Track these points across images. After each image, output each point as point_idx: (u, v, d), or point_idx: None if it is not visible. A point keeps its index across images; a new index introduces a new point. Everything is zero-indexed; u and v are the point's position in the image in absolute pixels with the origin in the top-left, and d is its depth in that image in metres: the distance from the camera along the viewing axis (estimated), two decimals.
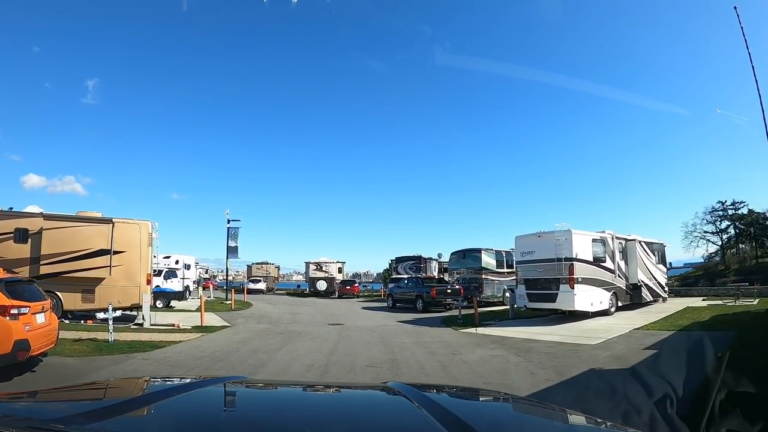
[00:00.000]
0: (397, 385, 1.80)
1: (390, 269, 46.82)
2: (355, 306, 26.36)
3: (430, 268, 38.13)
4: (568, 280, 15.89)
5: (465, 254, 25.60)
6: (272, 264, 47.43)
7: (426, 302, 21.51)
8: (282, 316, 19.53)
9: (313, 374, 8.03)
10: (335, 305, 27.30)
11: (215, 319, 17.71)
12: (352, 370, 8.49)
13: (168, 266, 27.83)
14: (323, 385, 3.15)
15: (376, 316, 19.93)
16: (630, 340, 11.84)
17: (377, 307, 24.97)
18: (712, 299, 21.61)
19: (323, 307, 24.94)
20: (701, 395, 3.27)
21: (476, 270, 24.77)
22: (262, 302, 28.62)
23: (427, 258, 38.09)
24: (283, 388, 2.31)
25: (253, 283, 42.07)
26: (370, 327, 15.36)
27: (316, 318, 18.41)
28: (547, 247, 16.43)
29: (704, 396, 3.11)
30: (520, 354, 9.99)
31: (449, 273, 27.09)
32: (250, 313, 20.55)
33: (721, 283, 29.30)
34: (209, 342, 12.28)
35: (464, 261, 25.63)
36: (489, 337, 12.86)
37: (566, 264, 15.93)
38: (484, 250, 25.04)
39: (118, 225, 15.46)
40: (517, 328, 14.73)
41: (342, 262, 42.25)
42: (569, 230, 16.24)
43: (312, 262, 40.48)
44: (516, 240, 17.95)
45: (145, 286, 15.53)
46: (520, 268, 17.53)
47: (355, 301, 31.56)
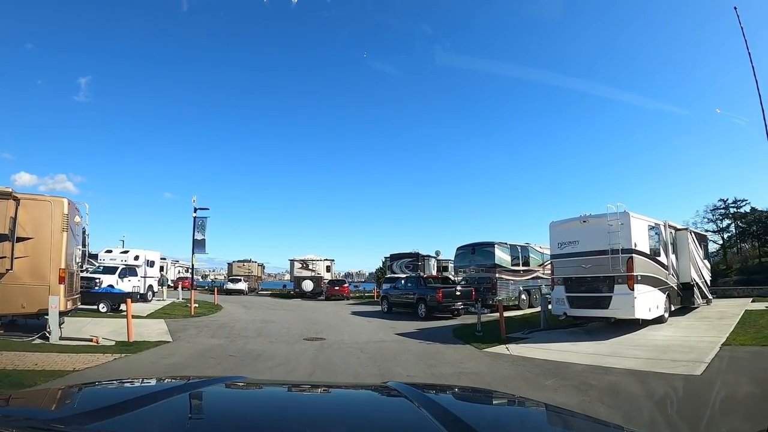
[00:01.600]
0: (397, 385, 1.82)
1: (384, 268, 42.80)
2: (344, 310, 22.33)
3: (429, 267, 34.31)
4: (626, 279, 12.06)
5: (474, 249, 21.65)
6: (255, 262, 43.17)
7: (430, 307, 17.55)
8: (250, 325, 15.44)
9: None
10: (321, 309, 23.26)
11: (159, 329, 13.65)
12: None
13: (125, 263, 23.62)
14: (324, 385, 2.82)
15: (368, 325, 15.90)
16: (739, 365, 8.07)
17: (370, 312, 20.96)
18: (760, 301, 17.96)
19: (306, 312, 20.88)
20: None
21: (488, 268, 20.86)
22: (237, 305, 24.50)
23: (425, 255, 34.21)
24: (284, 387, 2.29)
25: (233, 283, 37.88)
26: (360, 344, 11.33)
27: (292, 329, 14.35)
28: (596, 235, 12.58)
29: None
30: (606, 399, 6.07)
31: (455, 271, 23.14)
32: (210, 321, 16.43)
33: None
34: (124, 368, 8.27)
35: (473, 257, 21.67)
36: (533, 362, 8.92)
37: (623, 257, 12.10)
38: (497, 244, 21.14)
39: (24, 202, 11.36)
40: (561, 345, 10.85)
41: (331, 260, 38.17)
42: (626, 212, 12.43)
43: (297, 260, 36.36)
44: (552, 228, 14.04)
45: (57, 286, 11.41)
46: (558, 264, 13.61)
47: (344, 304, 27.49)
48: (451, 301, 17.58)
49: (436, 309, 17.50)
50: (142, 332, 12.81)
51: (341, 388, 2.39)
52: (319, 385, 2.45)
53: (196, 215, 22.64)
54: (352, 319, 17.82)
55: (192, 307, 18.51)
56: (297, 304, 27.39)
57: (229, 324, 15.53)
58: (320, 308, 23.87)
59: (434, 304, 17.40)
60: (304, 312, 21.01)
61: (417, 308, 18.08)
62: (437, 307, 17.37)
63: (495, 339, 11.77)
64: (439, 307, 17.35)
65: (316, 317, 18.47)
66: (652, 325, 12.61)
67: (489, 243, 21.31)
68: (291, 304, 27.05)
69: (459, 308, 17.91)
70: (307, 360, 9.05)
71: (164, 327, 14.22)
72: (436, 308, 17.45)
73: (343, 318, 18.39)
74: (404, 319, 17.65)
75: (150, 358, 9.33)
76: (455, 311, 17.79)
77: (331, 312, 21.38)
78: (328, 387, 2.29)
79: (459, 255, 22.58)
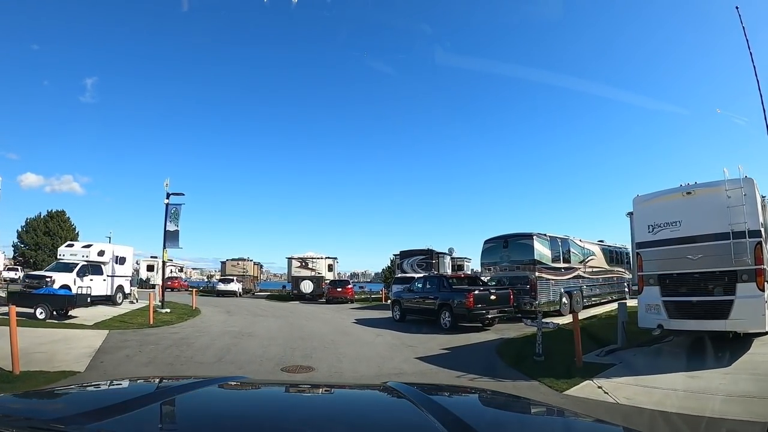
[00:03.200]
0: (397, 385, 1.78)
1: (392, 266, 38.75)
2: (347, 317, 18.30)
3: (443, 265, 30.23)
4: (754, 275, 8.09)
5: (507, 242, 17.55)
6: (251, 260, 39.19)
7: (457, 315, 13.50)
8: (217, 340, 11.47)
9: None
10: (319, 315, 19.26)
11: (85, 348, 9.78)
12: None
13: (87, 259, 19.76)
14: (323, 385, 2.89)
15: (377, 341, 11.86)
16: None
17: (378, 321, 16.94)
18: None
19: (299, 320, 16.89)
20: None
21: (525, 265, 16.78)
22: (219, 310, 20.57)
23: (439, 252, 30.17)
24: (284, 387, 2.32)
25: (224, 284, 33.95)
26: (366, 380, 7.30)
27: (272, 348, 10.36)
28: (708, 212, 8.64)
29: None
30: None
31: (481, 269, 19.04)
32: (168, 334, 12.45)
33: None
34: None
35: (506, 252, 17.57)
36: (668, 420, 4.89)
37: (750, 243, 8.12)
38: (536, 235, 17.06)
39: None
40: (673, 377, 6.99)
41: (333, 257, 34.21)
42: (750, 179, 8.49)
43: (295, 258, 32.41)
44: (637, 205, 10.02)
45: None
46: (648, 255, 9.56)
47: (347, 308, 23.45)
48: (484, 307, 13.51)
49: (464, 318, 13.44)
50: (58, 352, 9.07)
51: (341, 388, 2.34)
52: (319, 385, 2.39)
53: (168, 202, 18.78)
54: (356, 331, 13.79)
55: (151, 315, 14.52)
56: (292, 308, 23.41)
57: (190, 339, 11.55)
58: (318, 314, 19.87)
59: (463, 312, 13.34)
60: (297, 320, 17.01)
61: (439, 316, 14.03)
62: (467, 315, 13.31)
63: (566, 367, 7.78)
64: (470, 316, 13.29)
65: (310, 328, 14.46)
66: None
67: (526, 234, 17.21)
68: (285, 308, 23.07)
69: (494, 317, 13.86)
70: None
71: (96, 344, 10.31)
72: (465, 317, 13.39)
73: (345, 329, 14.36)
74: (423, 330, 13.64)
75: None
76: (488, 320, 13.73)
77: (330, 319, 17.37)
78: (328, 387, 2.27)
79: (488, 250, 18.44)
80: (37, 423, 1.15)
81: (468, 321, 13.54)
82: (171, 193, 18.79)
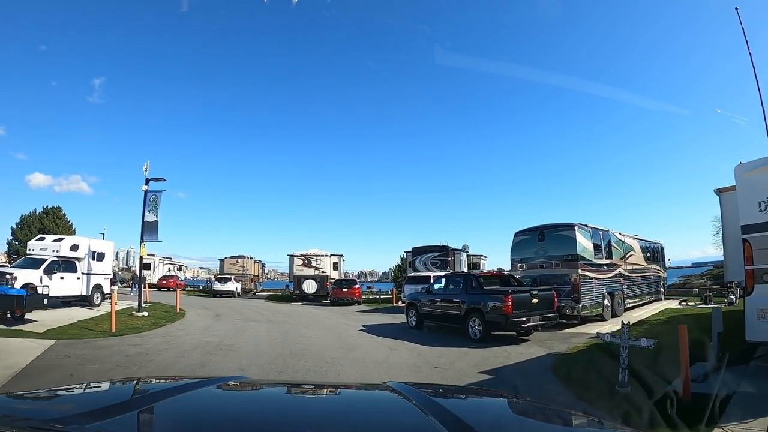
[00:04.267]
0: (397, 385, 1.77)
1: (403, 265, 36.04)
2: (352, 323, 15.66)
3: (460, 263, 27.57)
4: None
5: (544, 234, 14.80)
6: (251, 258, 36.61)
7: (490, 323, 10.79)
8: (181, 360, 8.80)
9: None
10: (320, 320, 16.64)
11: (1, 367, 7.21)
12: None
13: (57, 254, 17.31)
14: (323, 384, 2.65)
15: (391, 359, 9.15)
16: None
17: (389, 328, 14.29)
18: None
19: (296, 327, 14.26)
20: None
21: (566, 261, 14.05)
22: (207, 313, 18.04)
23: (455, 249, 27.45)
24: (284, 387, 2.29)
25: (221, 283, 31.39)
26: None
27: (249, 372, 7.72)
28: None
29: None
30: None
31: (511, 266, 16.26)
32: (123, 347, 9.82)
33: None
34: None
35: (542, 246, 14.83)
36: None
37: None
38: (578, 226, 14.35)
39: None
40: None
41: (338, 255, 31.53)
42: None
43: (297, 255, 29.79)
44: (742, 175, 7.32)
45: None
46: (761, 243, 6.87)
47: (353, 312, 20.78)
48: (524, 313, 10.77)
49: (499, 326, 10.74)
50: None
51: (342, 388, 2.23)
52: (319, 385, 2.36)
53: (147, 188, 16.25)
54: (364, 344, 11.10)
55: (113, 321, 11.94)
56: (291, 311, 20.81)
57: (149, 355, 8.95)
58: (320, 318, 17.25)
59: (498, 319, 10.63)
60: (295, 326, 14.40)
61: (467, 324, 11.32)
62: (503, 323, 10.59)
63: (668, 403, 5.04)
64: (507, 324, 10.56)
65: (307, 339, 11.83)
66: None
67: (567, 225, 14.46)
68: (283, 311, 20.45)
69: (536, 325, 11.14)
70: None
71: (25, 361, 7.86)
72: (501, 325, 10.69)
73: (350, 340, 11.68)
74: (447, 341, 11.01)
75: None
76: (525, 329, 11.00)
77: (333, 326, 14.72)
78: (328, 387, 2.19)
79: (519, 243, 15.67)
80: (37, 423, 1.12)
81: (504, 330, 10.83)
82: (150, 179, 16.27)
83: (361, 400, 1.86)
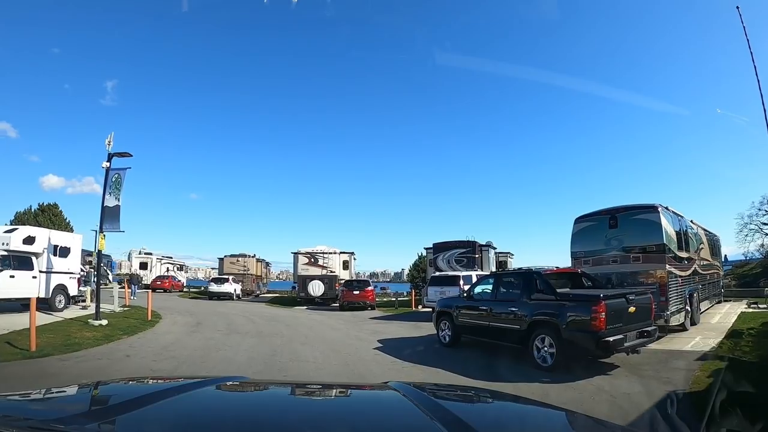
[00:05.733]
0: (397, 385, 1.76)
1: (422, 263, 32.42)
2: (366, 335, 12.21)
3: (488, 261, 24.01)
4: None
5: (617, 219, 11.26)
6: (253, 257, 33.28)
7: (570, 344, 7.21)
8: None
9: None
10: (325, 333, 13.20)
11: None
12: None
13: (7, 248, 14.17)
14: (324, 384, 2.54)
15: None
16: None
17: (413, 343, 10.84)
18: None
19: (290, 344, 10.81)
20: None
21: (649, 253, 10.57)
22: (186, 321, 14.73)
23: (482, 245, 23.90)
24: (284, 387, 2.24)
25: (217, 284, 28.05)
26: None
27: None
28: None
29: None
30: None
31: (572, 263, 12.61)
32: (16, 381, 6.47)
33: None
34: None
35: (614, 234, 11.33)
36: None
37: None
38: (662, 208, 10.82)
39: None
40: None
41: (349, 252, 28.15)
42: None
43: (302, 253, 26.49)
44: None
45: None
46: None
47: (366, 318, 17.29)
48: (621, 328, 7.18)
49: (584, 349, 7.18)
50: None
51: (343, 388, 2.24)
52: (320, 386, 2.30)
53: (109, 165, 13.00)
54: (382, 373, 7.59)
55: (32, 338, 8.61)
56: (291, 318, 17.39)
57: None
58: (324, 330, 13.82)
59: (583, 338, 7.04)
60: (288, 342, 10.99)
61: (531, 343, 7.75)
62: (591, 344, 7.00)
63: None
64: (598, 345, 6.96)
65: (302, 362, 8.40)
66: None
67: (648, 207, 10.91)
68: (282, 318, 17.03)
69: (636, 345, 7.55)
70: None
71: None
72: (587, 347, 7.12)
73: (362, 367, 8.15)
74: (499, 368, 7.58)
75: None
76: (626, 350, 7.38)
77: (340, 342, 11.27)
78: (329, 387, 2.19)
79: (583, 231, 12.09)
80: (37, 423, 1.12)
81: (593, 354, 7.28)
82: (113, 154, 13.01)
83: (363, 400, 1.84)
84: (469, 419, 1.21)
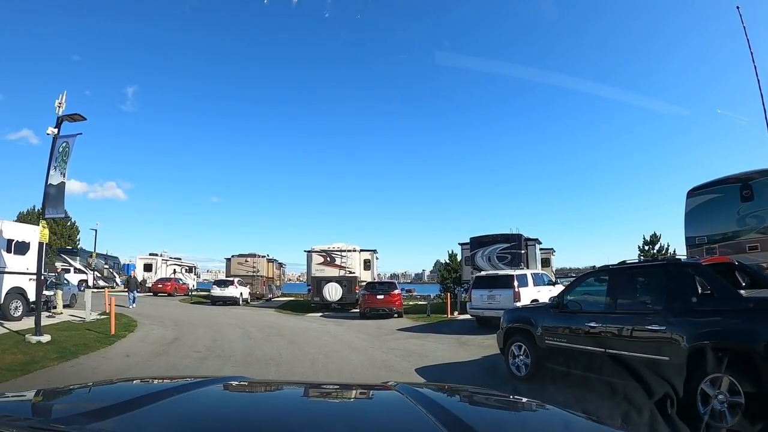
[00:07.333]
0: (399, 385, 1.73)
1: (452, 262, 28.75)
2: (394, 359, 8.74)
3: (534, 258, 20.34)
4: None
5: (751, 187, 7.63)
6: (264, 257, 30.08)
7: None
8: None
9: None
10: (340, 354, 9.78)
11: None
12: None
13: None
14: (324, 384, 2.59)
15: None
16: None
17: (464, 371, 7.32)
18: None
19: (285, 377, 7.47)
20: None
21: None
22: (160, 335, 11.52)
23: (528, 239, 20.23)
24: (284, 387, 2.29)
25: (221, 288, 24.83)
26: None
27: None
28: None
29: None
30: None
31: (688, 250, 8.88)
32: None
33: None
34: None
35: (747, 208, 7.70)
36: None
37: None
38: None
39: None
40: None
41: (371, 250, 24.74)
42: None
43: (316, 251, 23.15)
44: None
45: None
46: None
47: (394, 329, 13.77)
48: None
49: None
50: None
51: (344, 388, 2.23)
52: (320, 385, 2.32)
53: (57, 132, 9.92)
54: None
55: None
56: (299, 330, 14.01)
57: None
58: (339, 349, 10.40)
59: None
60: (285, 376, 7.63)
61: (694, 389, 4.16)
62: None
63: None
64: None
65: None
66: None
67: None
68: (287, 331, 13.62)
69: None
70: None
71: None
72: None
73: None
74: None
75: None
76: None
77: (359, 369, 7.83)
78: (329, 387, 2.15)
79: (701, 207, 8.43)
80: (37, 423, 1.12)
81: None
82: (63, 117, 9.91)
83: (362, 399, 1.83)
84: (470, 419, 1.19)
